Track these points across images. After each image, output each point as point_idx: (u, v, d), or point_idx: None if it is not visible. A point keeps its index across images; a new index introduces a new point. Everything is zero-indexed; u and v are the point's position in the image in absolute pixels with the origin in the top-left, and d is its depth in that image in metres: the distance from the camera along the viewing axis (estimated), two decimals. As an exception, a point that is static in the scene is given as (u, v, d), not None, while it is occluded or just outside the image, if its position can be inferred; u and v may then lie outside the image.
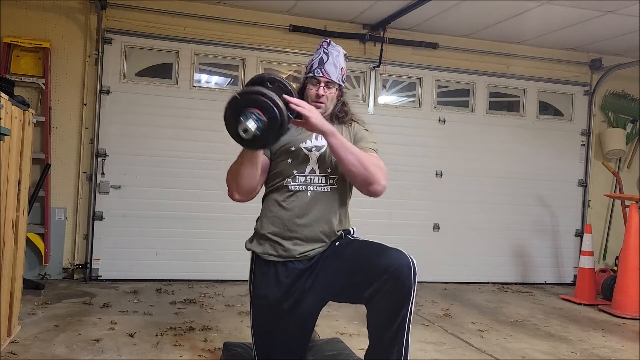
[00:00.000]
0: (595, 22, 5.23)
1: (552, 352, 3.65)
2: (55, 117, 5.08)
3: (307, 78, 2.45)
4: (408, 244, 5.82)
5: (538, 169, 6.24)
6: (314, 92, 2.41)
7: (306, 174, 2.37)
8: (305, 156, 2.39)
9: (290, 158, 2.38)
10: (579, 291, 5.34)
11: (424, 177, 5.90)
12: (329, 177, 2.39)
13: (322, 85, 2.41)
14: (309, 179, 2.37)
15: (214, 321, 3.90)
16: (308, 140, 2.40)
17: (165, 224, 5.25)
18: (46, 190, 4.97)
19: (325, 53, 2.44)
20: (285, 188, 2.38)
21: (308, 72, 2.45)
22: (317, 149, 2.39)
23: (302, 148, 2.39)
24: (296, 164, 2.37)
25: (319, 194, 2.37)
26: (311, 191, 2.37)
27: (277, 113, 2.04)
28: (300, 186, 2.36)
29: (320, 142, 2.38)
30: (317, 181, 2.38)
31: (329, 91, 2.42)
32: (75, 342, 3.30)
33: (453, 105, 6.12)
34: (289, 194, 2.37)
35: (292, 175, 2.37)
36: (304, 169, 2.37)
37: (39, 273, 5.01)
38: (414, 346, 3.58)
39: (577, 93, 6.41)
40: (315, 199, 2.36)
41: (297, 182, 2.37)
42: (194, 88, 5.39)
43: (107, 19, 5.16)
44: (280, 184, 2.39)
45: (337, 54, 2.45)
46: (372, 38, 5.69)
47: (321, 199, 2.37)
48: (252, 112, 2.05)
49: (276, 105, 2.05)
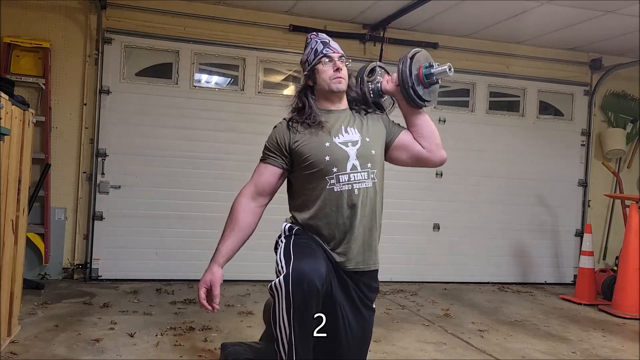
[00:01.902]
0: (595, 22, 5.23)
1: (552, 352, 3.65)
2: (55, 117, 5.08)
3: (316, 62, 2.37)
4: (408, 244, 5.92)
5: (538, 169, 6.24)
6: (330, 70, 2.36)
7: (348, 172, 2.28)
8: (344, 152, 2.29)
9: (328, 156, 2.27)
10: (579, 291, 5.34)
11: (424, 177, 5.89)
12: (370, 172, 2.32)
13: (336, 59, 2.37)
14: (352, 177, 2.28)
15: (214, 321, 3.90)
16: (340, 135, 2.34)
17: (165, 224, 5.25)
18: (46, 190, 4.97)
19: (322, 39, 2.42)
20: (329, 190, 2.27)
21: (314, 59, 2.38)
22: (353, 143, 2.32)
23: (338, 144, 2.31)
24: (335, 162, 2.27)
25: (363, 190, 2.29)
26: (357, 189, 2.28)
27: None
28: (344, 185, 2.27)
29: (351, 136, 2.33)
30: (360, 177, 2.29)
31: (343, 66, 2.38)
32: (75, 342, 3.30)
33: (453, 105, 6.12)
34: (334, 195, 2.27)
35: (334, 174, 2.26)
36: (344, 166, 2.28)
37: (39, 273, 5.01)
38: (414, 346, 3.59)
39: (577, 93, 6.41)
40: (362, 197, 2.29)
41: (341, 181, 2.27)
42: (194, 88, 5.39)
43: (107, 19, 5.16)
44: (321, 185, 2.28)
45: (330, 39, 2.44)
46: (372, 38, 5.69)
47: (367, 196, 2.30)
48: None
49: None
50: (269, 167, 2.38)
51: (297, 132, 2.34)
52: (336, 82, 2.36)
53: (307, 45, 2.44)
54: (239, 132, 5.36)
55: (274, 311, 2.09)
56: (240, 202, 2.36)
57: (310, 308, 2.05)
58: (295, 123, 2.38)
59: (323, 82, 2.37)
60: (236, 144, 5.32)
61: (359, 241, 2.30)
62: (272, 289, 2.08)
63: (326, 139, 2.31)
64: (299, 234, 2.31)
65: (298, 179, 2.38)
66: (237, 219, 2.34)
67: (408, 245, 5.82)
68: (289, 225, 2.38)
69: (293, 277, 2.03)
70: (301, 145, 2.32)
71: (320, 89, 2.40)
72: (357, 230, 2.30)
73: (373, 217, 2.35)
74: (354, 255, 2.30)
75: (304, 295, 2.02)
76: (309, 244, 2.25)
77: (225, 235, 2.34)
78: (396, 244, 5.61)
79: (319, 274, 2.06)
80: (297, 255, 2.13)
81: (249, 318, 4.05)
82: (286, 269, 2.07)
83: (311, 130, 2.33)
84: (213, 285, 2.27)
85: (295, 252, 2.16)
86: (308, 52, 2.42)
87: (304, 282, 2.02)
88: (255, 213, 2.38)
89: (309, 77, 2.42)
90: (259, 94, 5.52)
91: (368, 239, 2.34)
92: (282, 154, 2.36)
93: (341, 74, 2.36)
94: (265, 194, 2.39)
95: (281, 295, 2.04)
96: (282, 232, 2.37)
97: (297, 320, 2.04)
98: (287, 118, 2.43)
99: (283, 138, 2.36)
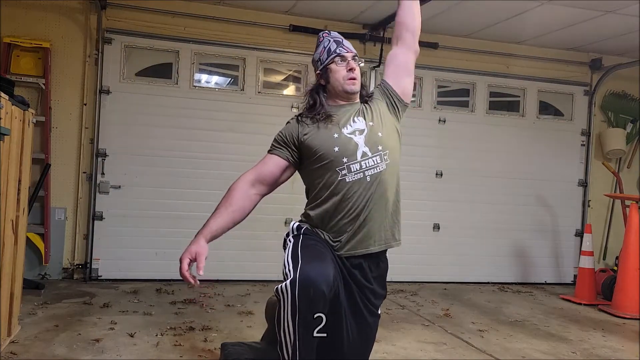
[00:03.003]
0: (595, 22, 5.23)
1: (552, 352, 3.65)
2: (55, 117, 5.08)
3: (329, 62, 2.37)
4: (408, 244, 5.86)
5: (538, 169, 6.24)
6: (344, 70, 2.35)
7: (359, 159, 2.28)
8: (353, 141, 2.29)
9: (336, 146, 2.28)
10: (579, 291, 5.34)
11: (424, 177, 5.90)
12: (382, 155, 2.31)
13: (350, 59, 2.36)
14: (363, 164, 2.27)
15: (214, 321, 3.90)
16: (348, 125, 2.34)
17: (165, 224, 5.25)
18: (46, 190, 4.97)
19: (335, 38, 2.42)
20: (341, 181, 2.26)
21: (327, 59, 2.38)
22: (360, 132, 2.32)
23: (346, 134, 2.31)
24: (345, 152, 2.27)
25: (375, 175, 2.28)
26: (369, 176, 2.28)
27: None
28: (357, 174, 2.27)
29: (358, 125, 2.33)
30: (372, 163, 2.29)
31: (356, 66, 2.38)
32: (75, 342, 3.30)
33: (453, 105, 6.12)
34: (346, 186, 2.26)
35: (344, 164, 2.26)
36: (355, 155, 2.28)
37: (39, 273, 5.01)
38: (414, 346, 3.59)
39: (577, 93, 6.41)
40: (376, 183, 2.28)
41: (353, 170, 2.27)
42: (194, 88, 5.39)
43: (107, 18, 5.16)
44: (333, 177, 2.28)
45: (343, 38, 2.45)
46: (372, 38, 5.69)
47: (381, 180, 2.30)
48: None
49: None
50: (274, 158, 2.40)
51: (307, 125, 2.36)
52: (350, 84, 2.36)
53: (320, 44, 2.44)
54: (239, 132, 5.37)
55: (278, 314, 2.07)
56: (239, 185, 2.36)
57: (316, 314, 2.04)
58: (305, 118, 2.40)
59: (336, 82, 2.37)
60: (236, 144, 5.32)
61: (376, 226, 2.30)
62: (279, 292, 2.05)
63: (335, 131, 2.32)
64: (307, 234, 2.30)
65: (310, 175, 2.38)
66: (232, 200, 2.33)
67: (408, 245, 5.75)
68: (298, 224, 2.37)
69: (300, 282, 2.00)
70: (310, 137, 2.33)
71: (333, 88, 2.40)
72: (373, 216, 2.29)
73: (391, 197, 2.34)
74: (372, 239, 2.29)
75: (310, 301, 2.00)
76: (317, 246, 2.23)
77: (217, 212, 2.32)
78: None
79: (326, 280, 2.04)
80: (304, 258, 2.11)
81: (249, 318, 4.05)
82: (293, 274, 2.04)
83: (320, 124, 2.34)
84: (198, 257, 2.23)
85: (303, 255, 2.13)
86: (320, 50, 2.42)
87: (311, 288, 1.99)
88: (251, 199, 2.37)
89: (322, 76, 2.41)
90: (259, 94, 5.52)
91: (388, 220, 2.33)
92: (290, 147, 2.38)
93: (354, 74, 2.36)
94: (265, 183, 2.39)
95: (287, 299, 2.02)
96: (291, 230, 2.36)
97: (302, 326, 2.02)
98: (297, 114, 2.45)
99: (292, 132, 2.39)
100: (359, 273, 2.33)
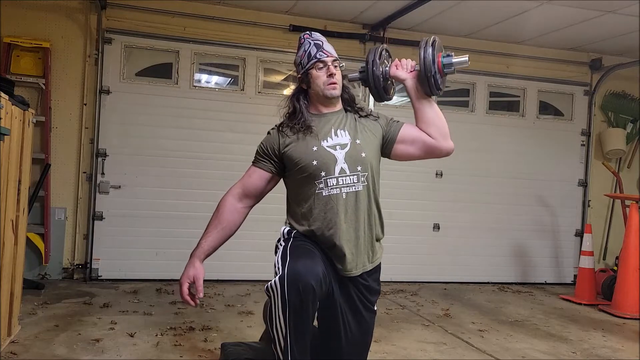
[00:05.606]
0: (595, 22, 5.23)
1: (552, 352, 3.65)
2: (55, 117, 5.08)
3: (309, 67, 2.34)
4: (408, 244, 5.92)
5: (538, 169, 6.24)
6: (324, 75, 2.32)
7: (336, 175, 2.26)
8: (332, 156, 2.27)
9: (315, 160, 2.26)
10: (579, 291, 5.34)
11: (424, 177, 5.89)
12: (360, 175, 2.29)
13: (330, 64, 2.33)
14: (340, 180, 2.26)
15: (214, 321, 3.90)
16: (329, 138, 2.31)
17: (165, 224, 5.25)
18: (46, 190, 4.97)
19: (315, 40, 2.38)
20: (318, 194, 2.26)
21: (307, 63, 2.35)
22: (342, 146, 2.30)
23: (325, 147, 2.28)
24: (323, 166, 2.25)
25: (351, 194, 2.27)
26: (346, 193, 2.27)
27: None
28: (333, 189, 2.25)
29: (340, 139, 2.31)
30: (348, 181, 2.27)
31: (337, 71, 2.35)
32: (75, 342, 3.30)
33: (453, 105, 6.12)
34: (322, 200, 2.25)
35: (322, 178, 2.25)
36: (332, 170, 2.26)
37: (39, 273, 5.01)
38: (413, 346, 3.59)
39: (577, 93, 6.41)
40: (351, 200, 2.27)
41: (330, 185, 2.25)
42: (194, 88, 5.39)
43: (107, 19, 5.16)
44: (311, 190, 2.27)
45: (325, 39, 2.42)
46: (372, 38, 5.68)
47: (358, 200, 2.29)
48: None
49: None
50: (258, 171, 2.40)
51: (287, 136, 2.34)
52: (330, 89, 2.33)
53: (301, 47, 2.40)
54: (239, 132, 5.36)
55: (270, 312, 2.09)
56: (227, 201, 2.38)
57: (306, 308, 2.05)
58: (286, 128, 2.37)
59: (317, 88, 2.35)
60: (236, 144, 5.31)
61: (350, 246, 2.28)
62: (268, 289, 2.08)
63: (314, 143, 2.29)
64: (297, 237, 2.31)
65: (292, 184, 2.38)
66: (221, 217, 2.35)
67: (408, 245, 5.82)
68: (288, 229, 2.37)
69: (288, 277, 2.03)
70: (291, 149, 2.31)
71: (315, 93, 2.38)
72: (348, 235, 2.27)
73: (366, 220, 2.33)
74: (347, 260, 2.27)
75: (299, 295, 2.01)
76: (306, 246, 2.24)
77: (208, 231, 2.35)
78: (396, 244, 5.59)
79: (314, 274, 2.05)
80: (293, 257, 2.13)
81: (249, 318, 4.05)
82: (282, 270, 2.08)
83: (300, 135, 2.32)
84: (196, 280, 2.28)
85: (292, 254, 2.16)
86: (301, 54, 2.39)
87: (299, 282, 2.01)
88: (240, 213, 2.39)
89: (303, 80, 2.40)
90: (259, 94, 5.52)
91: (362, 242, 2.31)
92: (272, 159, 2.37)
93: (335, 79, 2.33)
94: (251, 196, 2.40)
95: (277, 295, 2.04)
96: (282, 235, 2.37)
97: (293, 320, 2.04)
98: (277, 124, 2.42)
99: (273, 143, 2.37)
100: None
